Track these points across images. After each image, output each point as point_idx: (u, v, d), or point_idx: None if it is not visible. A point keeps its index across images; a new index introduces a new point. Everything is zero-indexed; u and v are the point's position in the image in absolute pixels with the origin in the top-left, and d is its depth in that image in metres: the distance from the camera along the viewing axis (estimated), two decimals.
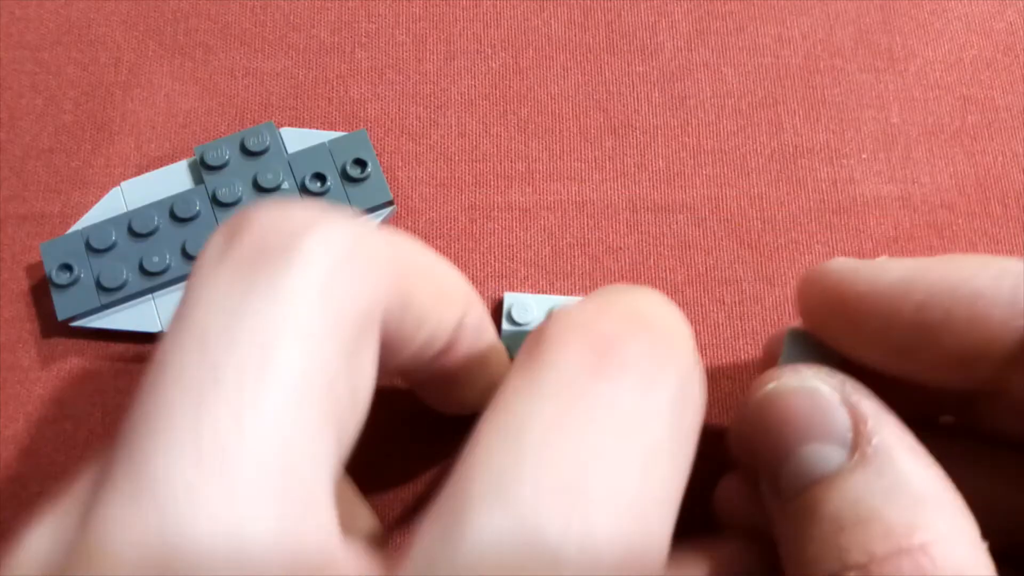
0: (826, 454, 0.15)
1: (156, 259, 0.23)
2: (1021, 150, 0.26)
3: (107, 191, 0.24)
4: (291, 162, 0.24)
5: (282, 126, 0.25)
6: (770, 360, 0.20)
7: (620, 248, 0.25)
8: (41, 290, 0.24)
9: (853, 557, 0.14)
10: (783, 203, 0.25)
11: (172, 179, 0.24)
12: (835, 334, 0.17)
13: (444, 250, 0.24)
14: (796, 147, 0.26)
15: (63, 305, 0.23)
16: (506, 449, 0.12)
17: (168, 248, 0.23)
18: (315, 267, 0.13)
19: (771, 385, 0.17)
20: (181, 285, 0.23)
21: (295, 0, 0.27)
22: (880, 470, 0.15)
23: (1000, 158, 0.26)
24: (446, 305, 0.16)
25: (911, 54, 0.27)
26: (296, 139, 0.25)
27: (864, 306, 0.16)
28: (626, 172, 0.25)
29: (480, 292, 0.24)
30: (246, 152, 0.24)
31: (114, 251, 0.23)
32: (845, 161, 0.26)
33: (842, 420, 0.15)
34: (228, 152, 0.24)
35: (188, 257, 0.23)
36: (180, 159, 0.25)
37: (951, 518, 0.14)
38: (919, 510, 0.14)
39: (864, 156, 0.26)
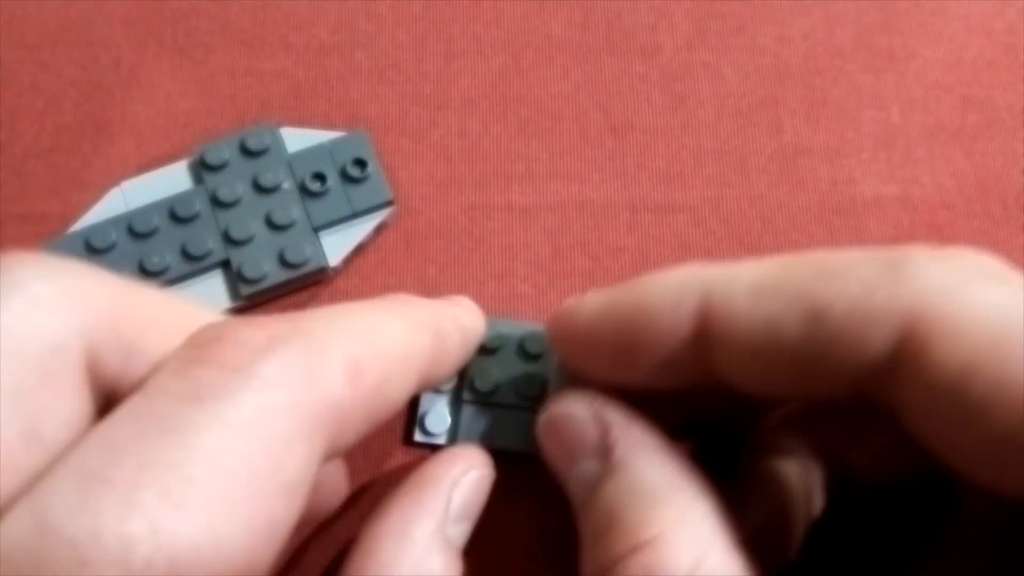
0: (588, 469, 0.17)
1: (156, 259, 0.23)
2: (1021, 150, 0.26)
3: (107, 191, 0.24)
4: (291, 162, 0.24)
5: (282, 126, 0.25)
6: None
7: (620, 248, 0.25)
8: None
9: (603, 561, 0.15)
10: (783, 203, 0.25)
11: (172, 179, 0.24)
12: (578, 366, 0.19)
13: (444, 250, 0.24)
14: (796, 147, 0.26)
15: None
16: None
17: (168, 248, 0.23)
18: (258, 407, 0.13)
19: (542, 416, 0.18)
20: (181, 285, 0.23)
21: (295, 0, 0.27)
22: (622, 475, 0.16)
23: (1000, 158, 0.26)
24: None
25: (911, 54, 0.27)
26: (296, 139, 0.25)
27: (579, 340, 0.18)
28: (626, 172, 0.25)
29: (480, 292, 0.24)
30: (246, 152, 0.24)
31: (114, 251, 0.23)
32: (845, 161, 0.26)
33: (593, 436, 0.17)
34: (228, 152, 0.24)
35: (188, 257, 0.23)
36: (180, 159, 0.25)
37: (680, 508, 0.15)
38: (651, 507, 0.15)
39: (864, 156, 0.26)
